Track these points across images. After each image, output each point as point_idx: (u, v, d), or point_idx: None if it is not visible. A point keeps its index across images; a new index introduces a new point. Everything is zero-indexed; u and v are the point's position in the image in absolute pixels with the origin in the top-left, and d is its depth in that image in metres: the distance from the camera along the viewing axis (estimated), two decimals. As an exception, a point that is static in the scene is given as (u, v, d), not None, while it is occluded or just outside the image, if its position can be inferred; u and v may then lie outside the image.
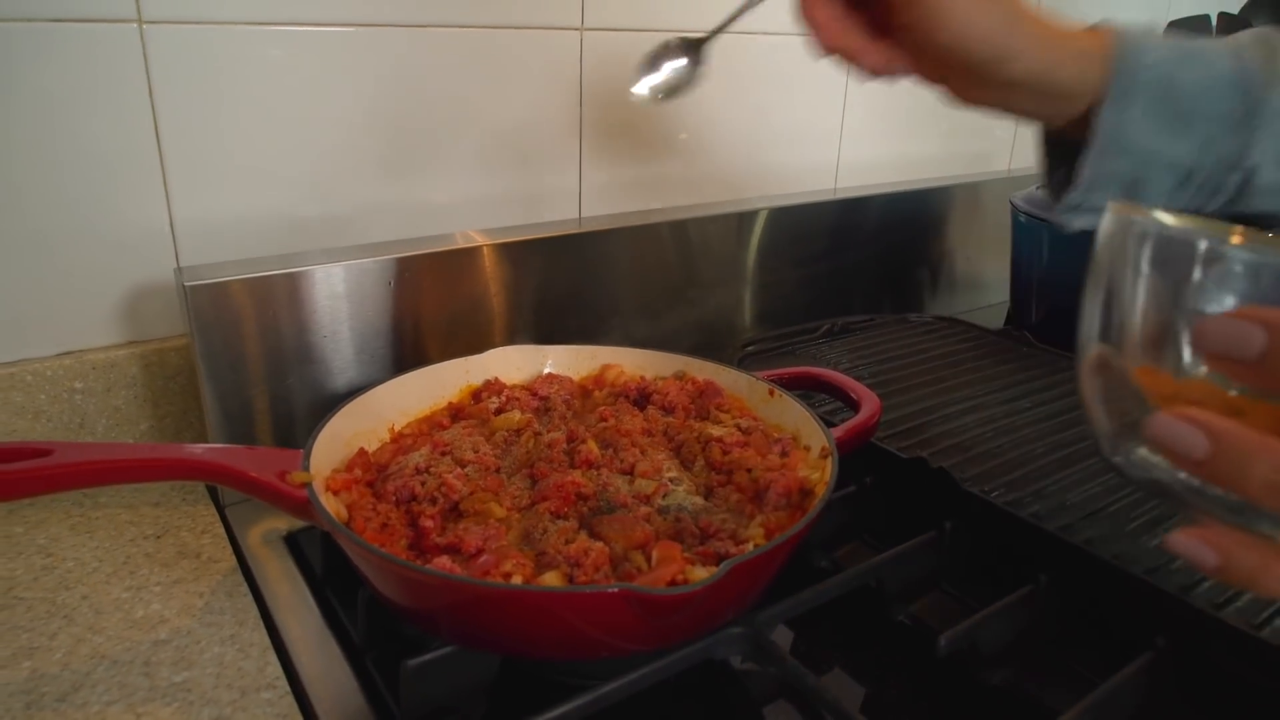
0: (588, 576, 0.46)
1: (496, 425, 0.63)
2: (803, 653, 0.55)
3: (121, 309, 0.69)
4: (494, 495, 0.53)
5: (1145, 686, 0.49)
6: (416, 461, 0.55)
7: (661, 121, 0.92)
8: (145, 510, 0.65)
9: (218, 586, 0.57)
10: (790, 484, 0.54)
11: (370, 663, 0.51)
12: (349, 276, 0.68)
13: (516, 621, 0.45)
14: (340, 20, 0.71)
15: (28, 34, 0.60)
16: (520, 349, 0.71)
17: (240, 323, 0.64)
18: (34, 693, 0.47)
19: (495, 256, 0.76)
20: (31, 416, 0.66)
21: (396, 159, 0.77)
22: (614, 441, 0.60)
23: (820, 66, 1.07)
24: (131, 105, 0.64)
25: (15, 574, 0.57)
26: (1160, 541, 0.56)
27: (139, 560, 0.59)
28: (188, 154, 0.67)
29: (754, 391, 0.66)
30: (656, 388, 0.67)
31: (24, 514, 0.64)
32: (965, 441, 0.69)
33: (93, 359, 0.68)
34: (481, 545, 0.48)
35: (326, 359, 0.69)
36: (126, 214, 0.67)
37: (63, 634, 0.52)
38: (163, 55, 0.64)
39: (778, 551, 0.47)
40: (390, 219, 0.78)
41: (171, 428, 0.72)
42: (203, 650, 0.51)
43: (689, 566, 0.46)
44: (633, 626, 0.44)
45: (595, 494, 0.54)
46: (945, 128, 1.19)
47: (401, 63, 0.74)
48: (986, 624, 0.51)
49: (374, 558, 0.46)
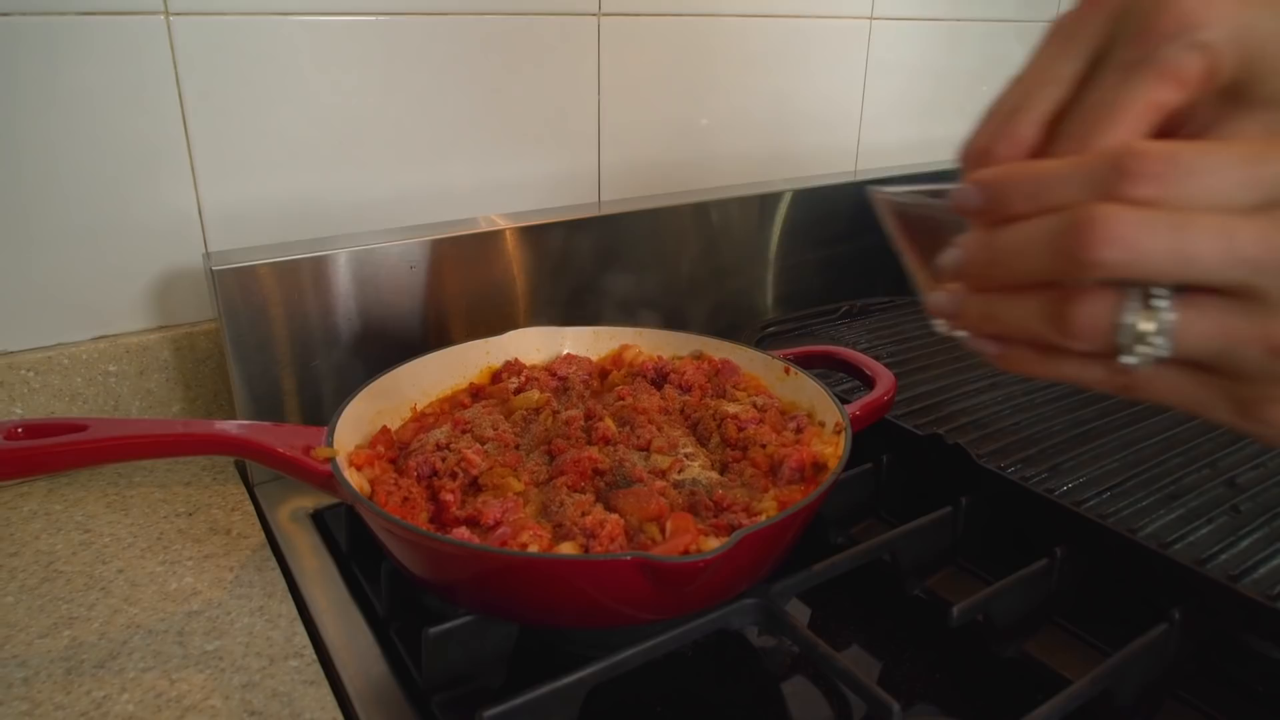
0: (603, 547, 0.47)
1: (516, 404, 0.64)
2: (819, 626, 0.56)
3: (153, 294, 0.71)
4: (512, 470, 0.54)
5: (1159, 658, 0.49)
6: (437, 438, 0.57)
7: (680, 106, 0.93)
8: (178, 489, 0.67)
9: (247, 561, 0.59)
10: (804, 458, 0.55)
11: (393, 632, 0.53)
12: (373, 260, 0.70)
13: (533, 590, 0.46)
14: (363, 9, 0.72)
15: (60, 27, 0.62)
16: (539, 330, 0.72)
17: (267, 306, 0.66)
18: (73, 660, 0.49)
19: (516, 239, 0.77)
20: (69, 399, 0.68)
21: (419, 145, 0.78)
22: (631, 419, 0.61)
23: (841, 49, 1.07)
24: (159, 95, 0.66)
25: (55, 549, 0.59)
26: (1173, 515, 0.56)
27: (172, 536, 0.61)
28: (215, 142, 0.69)
29: (770, 370, 0.67)
30: (674, 367, 0.68)
31: (62, 492, 0.66)
32: (982, 419, 0.69)
33: (126, 343, 0.70)
34: (500, 517, 0.49)
35: (351, 341, 0.70)
36: (156, 201, 0.69)
37: (100, 605, 0.54)
38: (189, 46, 0.66)
39: (790, 522, 0.48)
40: (413, 203, 0.80)
41: (202, 409, 0.74)
42: (233, 621, 0.53)
43: (702, 537, 0.47)
44: (647, 595, 0.45)
45: (611, 469, 0.55)
46: (966, 109, 1.18)
47: (424, 50, 0.76)
48: (1000, 596, 0.52)
49: (396, 529, 0.47)
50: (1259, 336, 0.25)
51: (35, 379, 0.67)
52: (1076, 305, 0.26)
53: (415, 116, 0.77)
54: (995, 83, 0.34)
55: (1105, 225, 0.25)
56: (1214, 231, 0.24)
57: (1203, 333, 0.26)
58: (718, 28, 0.92)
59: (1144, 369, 0.27)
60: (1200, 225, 0.24)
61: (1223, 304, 0.25)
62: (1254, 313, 0.25)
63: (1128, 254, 0.25)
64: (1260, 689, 0.49)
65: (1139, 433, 0.66)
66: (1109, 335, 0.26)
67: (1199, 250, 0.24)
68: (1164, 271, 0.25)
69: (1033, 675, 0.51)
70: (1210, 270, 0.25)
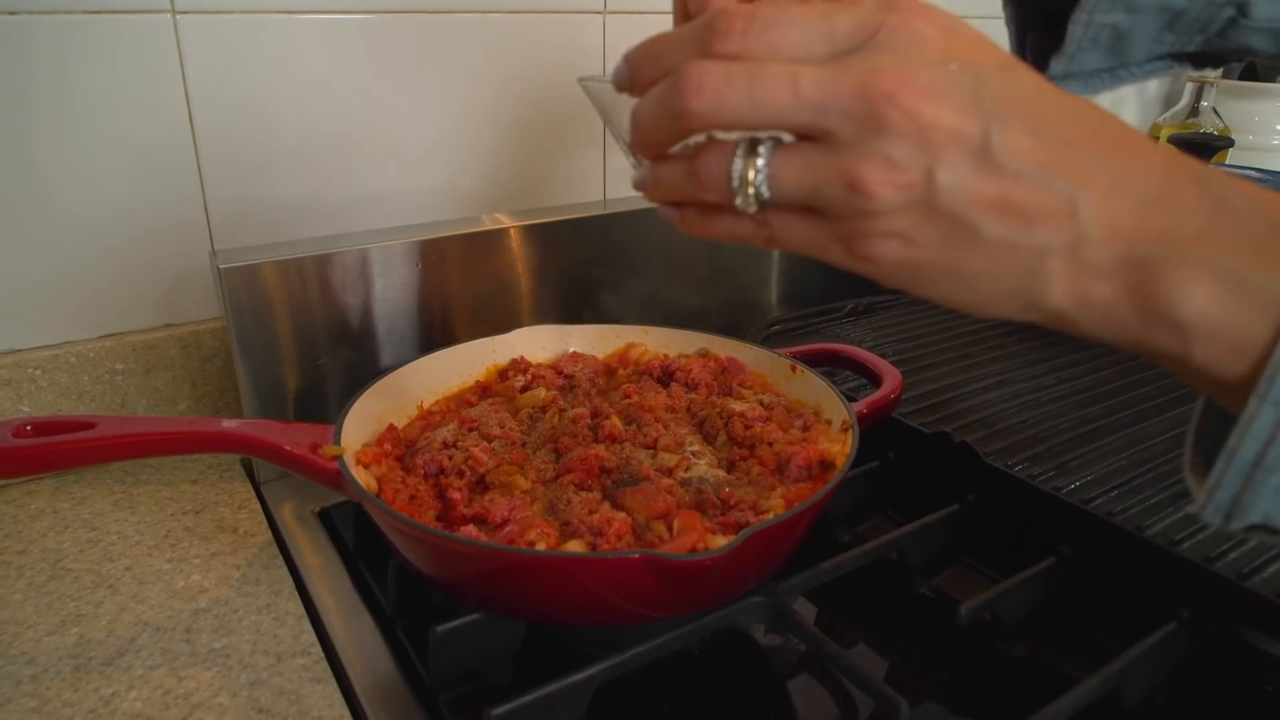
0: (610, 545, 0.47)
1: (522, 402, 0.64)
2: (826, 625, 0.56)
3: (159, 292, 0.71)
4: (519, 468, 0.54)
5: (1168, 657, 0.49)
6: (444, 436, 0.57)
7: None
8: (184, 487, 0.68)
9: (254, 559, 0.59)
10: (811, 456, 0.55)
11: (400, 630, 0.53)
12: (379, 258, 0.70)
13: (540, 587, 0.46)
14: (368, 8, 0.72)
15: (67, 26, 0.62)
16: (545, 329, 0.72)
17: (273, 304, 0.66)
18: (81, 657, 0.50)
19: (521, 238, 0.77)
20: (76, 397, 0.69)
21: (425, 142, 0.78)
22: (637, 417, 0.61)
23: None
24: (166, 93, 0.66)
25: (63, 546, 0.60)
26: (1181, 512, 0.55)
27: (179, 534, 0.61)
28: (221, 140, 0.69)
29: (776, 368, 0.67)
30: (680, 365, 0.68)
31: (70, 490, 0.66)
32: (989, 417, 0.68)
33: (133, 341, 0.70)
34: (507, 515, 0.49)
35: (356, 339, 0.71)
36: (163, 199, 0.69)
37: (108, 603, 0.54)
38: (196, 44, 0.66)
39: (797, 520, 0.48)
40: (419, 201, 0.80)
41: (209, 407, 0.74)
42: (240, 618, 0.53)
43: (709, 535, 0.47)
44: (654, 593, 0.45)
45: (618, 467, 0.55)
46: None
47: (428, 48, 0.76)
48: (1008, 595, 0.52)
49: (403, 526, 0.47)
50: (838, 175, 0.27)
51: (43, 377, 0.67)
52: (700, 158, 0.29)
53: (422, 114, 0.77)
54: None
55: (691, 78, 0.27)
56: (781, 79, 0.27)
57: (792, 175, 0.28)
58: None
59: (767, 215, 0.30)
60: (770, 73, 0.27)
61: (806, 147, 0.28)
62: (830, 152, 0.27)
63: (712, 103, 0.27)
64: (1269, 687, 0.49)
65: (1146, 430, 0.66)
66: (725, 183, 0.29)
67: (769, 96, 0.27)
68: (746, 119, 0.27)
69: (1040, 674, 0.51)
70: (781, 114, 0.27)
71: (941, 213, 0.27)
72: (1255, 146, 1.21)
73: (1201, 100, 1.15)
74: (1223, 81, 1.17)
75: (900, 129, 0.26)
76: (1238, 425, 0.28)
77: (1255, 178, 0.91)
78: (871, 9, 0.28)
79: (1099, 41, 0.47)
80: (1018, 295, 0.29)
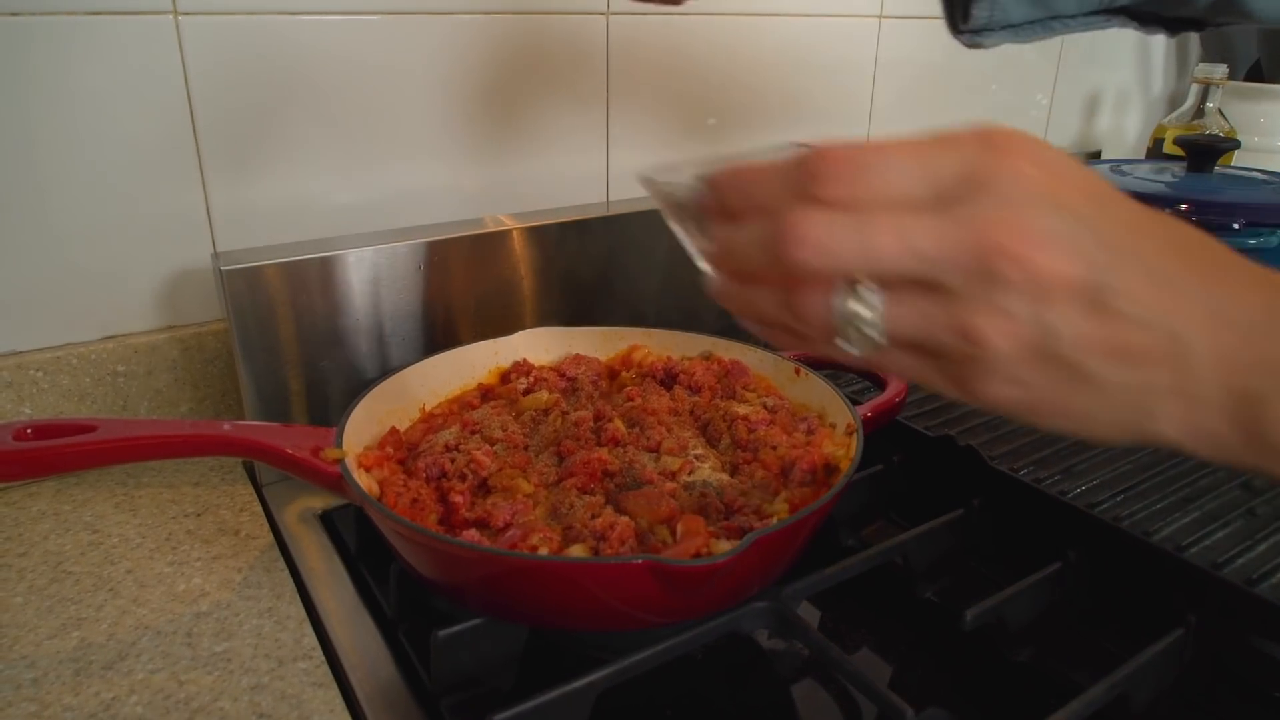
0: (613, 549, 0.47)
1: (525, 405, 0.64)
2: (830, 630, 0.55)
3: (161, 294, 0.71)
4: (522, 472, 0.54)
5: (1175, 663, 0.48)
6: (446, 439, 0.56)
7: (688, 105, 0.92)
8: (186, 489, 0.67)
9: (256, 562, 0.59)
10: (815, 460, 0.54)
11: (402, 634, 0.53)
12: (381, 260, 0.69)
13: (543, 592, 0.45)
14: (371, 9, 0.72)
15: (69, 27, 0.62)
16: (548, 331, 0.72)
17: (275, 306, 0.66)
18: (82, 661, 0.49)
19: (524, 240, 0.76)
20: (78, 399, 0.68)
21: (427, 143, 0.78)
22: (640, 420, 0.60)
23: (849, 48, 1.07)
24: (168, 94, 0.66)
25: (64, 549, 0.59)
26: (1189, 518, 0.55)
27: (180, 537, 0.61)
28: (223, 142, 0.69)
29: (780, 371, 0.66)
30: (683, 368, 0.68)
31: (71, 493, 0.66)
32: (994, 420, 0.68)
33: (134, 343, 0.70)
34: (509, 519, 0.49)
35: (359, 341, 0.70)
36: (165, 202, 0.68)
37: (109, 606, 0.54)
38: (198, 46, 0.66)
39: (801, 525, 0.47)
40: (421, 202, 0.79)
41: (210, 409, 0.74)
42: (242, 622, 0.53)
43: (713, 540, 0.47)
44: (657, 598, 0.44)
45: (621, 470, 0.54)
46: (977, 109, 1.18)
47: (433, 49, 0.75)
48: (1013, 600, 0.51)
49: (405, 530, 0.47)
50: (953, 324, 0.27)
51: (44, 379, 0.67)
52: (798, 296, 0.29)
53: (423, 115, 0.77)
54: (1002, 81, 0.35)
55: (797, 229, 0.27)
56: (890, 232, 0.27)
57: (905, 320, 0.28)
58: (727, 26, 0.92)
59: (869, 351, 0.29)
60: (879, 225, 0.27)
61: (919, 294, 0.28)
62: (943, 302, 0.27)
63: (820, 255, 0.27)
64: (1277, 694, 0.48)
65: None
66: (828, 322, 0.29)
67: (879, 251, 0.27)
68: (857, 267, 0.28)
69: (1046, 680, 0.51)
70: (894, 266, 0.27)
71: (1054, 359, 0.27)
72: (1261, 148, 1.20)
73: (1207, 101, 1.15)
74: (1228, 82, 1.17)
75: (1014, 281, 0.26)
76: None
77: (1261, 179, 0.90)
78: (973, 151, 0.27)
79: None
80: (1131, 429, 0.29)
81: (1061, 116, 1.30)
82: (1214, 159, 0.92)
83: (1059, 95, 1.27)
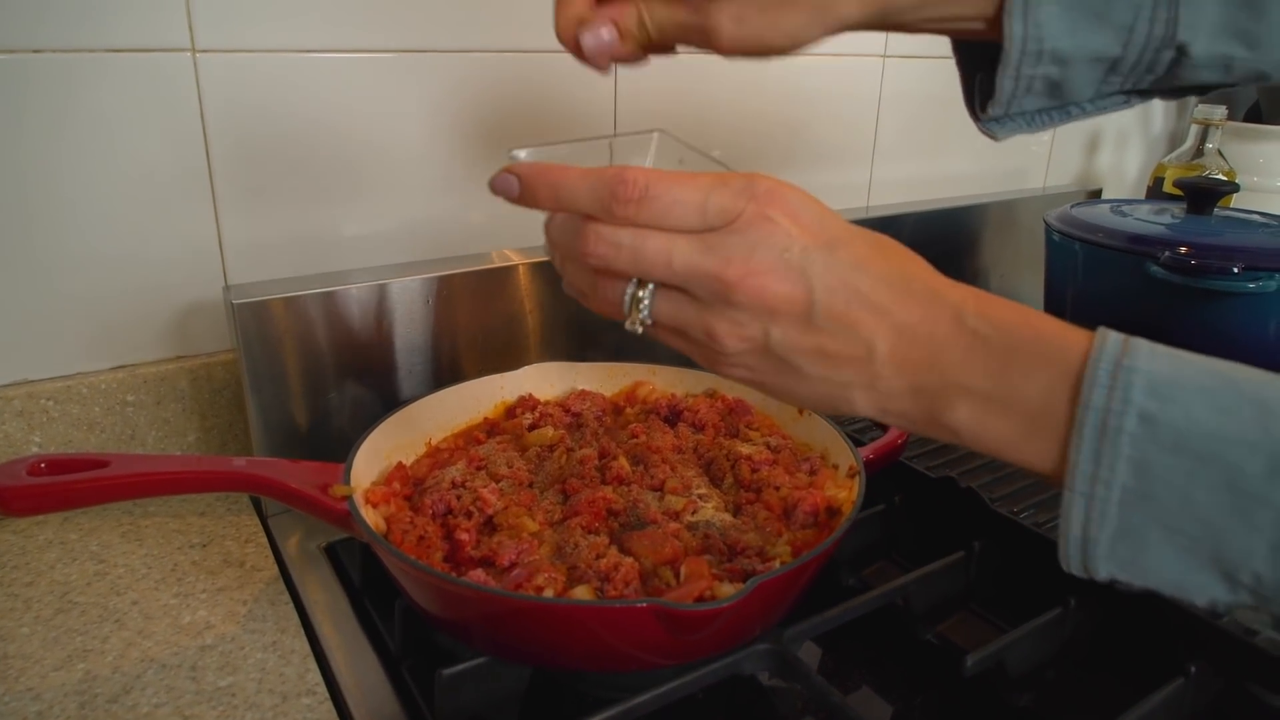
0: (617, 591, 0.47)
1: (530, 441, 0.64)
2: (830, 670, 0.55)
3: (172, 325, 0.72)
4: (527, 510, 0.55)
5: (1176, 712, 0.49)
6: (453, 476, 0.57)
7: (694, 140, 0.93)
8: (192, 519, 0.68)
9: (260, 594, 0.59)
10: (818, 502, 0.55)
11: (406, 671, 0.53)
12: (388, 294, 0.70)
13: (547, 633, 0.46)
14: (383, 47, 0.73)
15: (87, 64, 0.63)
16: (554, 366, 0.73)
17: (284, 339, 0.66)
18: (87, 694, 0.50)
19: (530, 275, 0.77)
20: (87, 428, 0.69)
21: (436, 178, 0.79)
22: (645, 458, 0.61)
23: (853, 83, 1.08)
24: (184, 130, 0.67)
25: (70, 579, 0.60)
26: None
27: (186, 568, 0.62)
28: (237, 176, 0.70)
29: (783, 410, 0.67)
30: (687, 405, 0.68)
31: (78, 521, 0.67)
32: (995, 463, 0.68)
33: (144, 373, 0.70)
34: (515, 559, 0.49)
35: (366, 374, 0.71)
36: (178, 234, 0.69)
37: (114, 638, 0.54)
38: (215, 82, 0.67)
39: (804, 569, 0.48)
40: (429, 236, 0.80)
41: (218, 439, 0.75)
42: (246, 656, 0.53)
43: (716, 583, 0.47)
44: (660, 640, 0.45)
45: (625, 510, 0.55)
46: (979, 145, 1.19)
47: (443, 86, 0.77)
48: (1015, 645, 0.51)
49: (411, 569, 0.47)
50: (699, 323, 0.36)
51: (55, 408, 0.67)
52: (600, 283, 0.38)
53: (432, 150, 0.78)
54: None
55: (589, 241, 0.36)
56: (660, 251, 0.35)
57: (667, 313, 0.37)
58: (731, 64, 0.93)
59: (651, 329, 0.38)
60: (651, 244, 0.35)
61: (680, 297, 0.37)
62: (695, 306, 0.36)
63: (604, 259, 0.36)
64: (1277, 745, 0.48)
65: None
66: (618, 306, 0.38)
67: (648, 264, 0.36)
68: (632, 271, 0.36)
69: (1046, 725, 0.51)
70: (659, 276, 0.36)
71: (774, 356, 0.36)
72: (1260, 188, 1.22)
73: (1207, 142, 1.16)
74: (1228, 123, 1.18)
75: (744, 303, 0.35)
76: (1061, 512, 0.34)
77: (1260, 222, 0.91)
78: (740, 195, 0.35)
79: (1034, 90, 0.48)
80: (833, 406, 0.38)
81: (1062, 154, 1.31)
82: (1213, 202, 0.93)
83: (1060, 133, 1.28)
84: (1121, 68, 0.47)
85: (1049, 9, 0.44)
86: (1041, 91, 0.48)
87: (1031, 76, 0.47)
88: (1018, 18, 0.44)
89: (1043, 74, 0.46)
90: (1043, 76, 0.47)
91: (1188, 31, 0.44)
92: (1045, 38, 0.45)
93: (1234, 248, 0.82)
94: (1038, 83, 0.47)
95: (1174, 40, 0.45)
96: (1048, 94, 0.48)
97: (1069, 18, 0.44)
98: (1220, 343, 0.85)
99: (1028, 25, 0.44)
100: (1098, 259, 0.91)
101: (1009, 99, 0.48)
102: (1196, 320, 0.85)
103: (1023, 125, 0.50)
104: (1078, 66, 0.46)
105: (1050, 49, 0.45)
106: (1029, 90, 0.47)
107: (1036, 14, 0.44)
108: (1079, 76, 0.47)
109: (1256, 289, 0.79)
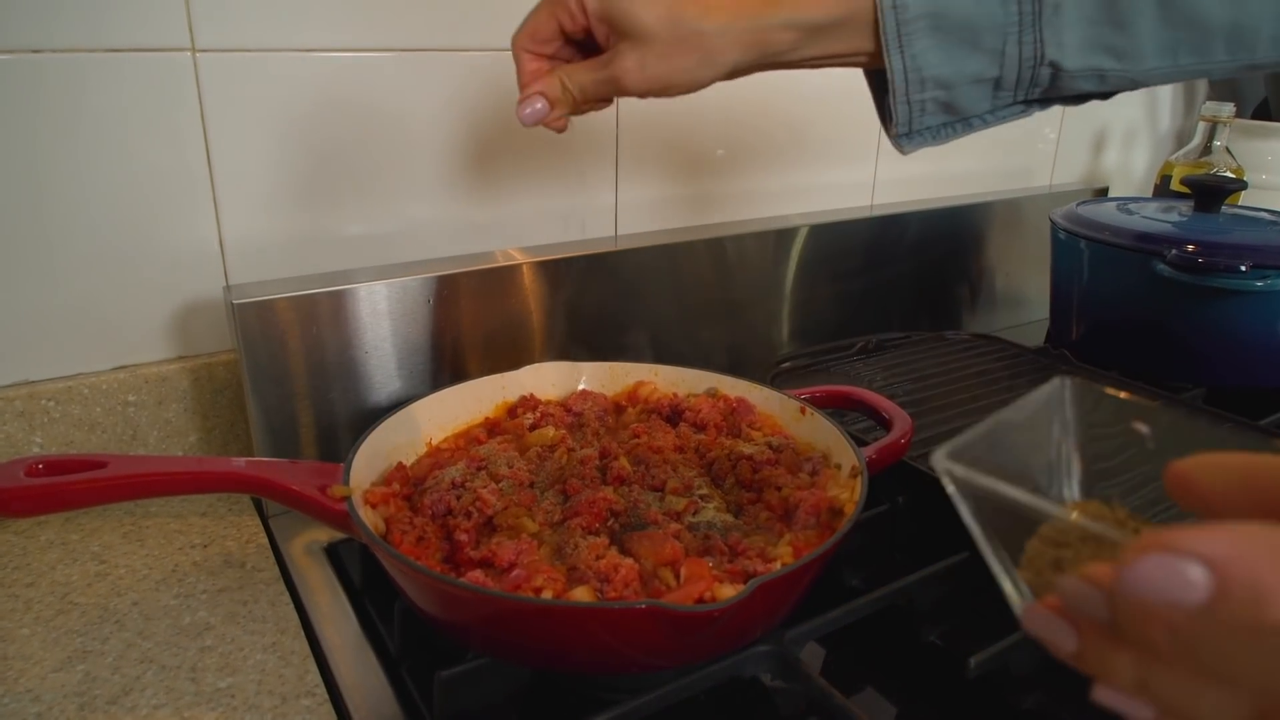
0: (617, 592, 0.47)
1: (531, 441, 0.64)
2: (833, 671, 0.55)
3: (173, 325, 0.71)
4: (527, 510, 0.54)
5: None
6: (452, 476, 0.57)
7: (697, 140, 0.93)
8: (193, 520, 0.68)
9: (261, 595, 0.59)
10: (819, 503, 0.55)
11: (405, 672, 0.53)
12: (390, 294, 0.70)
13: (547, 635, 0.45)
14: (383, 46, 0.73)
15: (87, 64, 0.63)
16: (555, 365, 0.73)
17: (285, 339, 0.66)
18: (86, 695, 0.49)
19: (533, 274, 0.77)
20: (88, 428, 0.69)
21: (438, 179, 0.79)
22: (646, 458, 0.61)
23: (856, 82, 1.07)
24: (185, 129, 0.67)
25: (71, 579, 0.60)
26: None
27: (187, 568, 0.62)
28: (238, 175, 0.70)
29: (785, 409, 0.67)
30: (689, 405, 0.68)
31: (79, 522, 0.67)
32: (999, 461, 0.68)
33: (145, 373, 0.70)
34: (514, 560, 0.49)
35: (368, 374, 0.71)
36: (179, 234, 0.69)
37: (114, 639, 0.54)
38: (215, 81, 0.67)
39: (805, 570, 0.47)
40: (431, 236, 0.80)
41: (219, 439, 0.74)
42: (246, 657, 0.53)
43: (717, 584, 0.47)
44: (661, 642, 0.44)
45: (626, 510, 0.54)
46: (985, 143, 1.18)
47: (445, 85, 0.76)
48: (1019, 647, 0.51)
49: (410, 571, 0.47)
50: None
51: (55, 408, 0.67)
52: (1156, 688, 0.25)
53: (436, 149, 0.78)
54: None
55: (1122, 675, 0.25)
56: None
57: None
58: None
59: None
60: None
61: None
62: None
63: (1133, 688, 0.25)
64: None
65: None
66: None
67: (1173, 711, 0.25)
68: None
69: (1051, 728, 0.51)
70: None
71: None
72: (1268, 185, 1.21)
73: (1214, 139, 1.15)
74: (1236, 120, 1.17)
75: None
76: None
77: (1268, 219, 0.90)
78: None
79: (928, 110, 0.51)
80: None
81: (1069, 152, 1.30)
82: (1221, 199, 0.92)
83: (1066, 131, 1.28)
84: (1005, 85, 0.49)
85: (923, 42, 0.47)
86: (936, 111, 0.51)
87: (922, 100, 0.50)
88: (894, 53, 0.48)
89: (931, 97, 0.50)
90: (932, 99, 0.50)
91: (1055, 50, 0.47)
92: (924, 67, 0.48)
93: (1242, 246, 0.81)
94: (929, 104, 0.50)
95: (1045, 59, 0.48)
96: (943, 112, 0.51)
97: (943, 48, 0.48)
98: (1228, 341, 0.85)
99: (905, 59, 0.48)
100: (1104, 257, 0.90)
101: (908, 120, 0.51)
102: (1204, 319, 0.84)
103: (928, 139, 0.53)
104: (962, 89, 0.49)
105: (932, 76, 0.48)
106: (924, 111, 0.51)
107: (912, 48, 0.48)
108: (966, 96, 0.50)
109: (1265, 287, 0.78)
